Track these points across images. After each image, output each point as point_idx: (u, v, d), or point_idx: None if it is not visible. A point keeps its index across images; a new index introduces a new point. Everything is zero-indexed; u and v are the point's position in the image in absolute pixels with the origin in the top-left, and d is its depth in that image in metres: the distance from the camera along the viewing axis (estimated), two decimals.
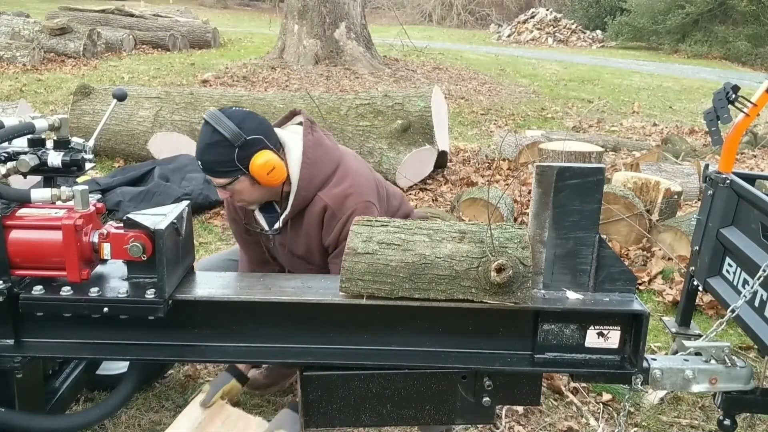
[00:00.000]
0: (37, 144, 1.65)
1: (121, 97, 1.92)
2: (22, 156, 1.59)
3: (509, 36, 20.59)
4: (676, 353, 1.76)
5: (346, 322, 1.52)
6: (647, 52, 18.87)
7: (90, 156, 1.68)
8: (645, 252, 3.95)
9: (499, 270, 1.38)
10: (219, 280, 1.66)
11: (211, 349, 1.55)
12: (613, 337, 1.50)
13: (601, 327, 1.49)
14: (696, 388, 1.66)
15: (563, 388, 2.61)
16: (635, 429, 2.45)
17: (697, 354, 1.69)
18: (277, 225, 2.10)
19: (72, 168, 1.64)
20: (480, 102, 9.52)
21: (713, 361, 1.67)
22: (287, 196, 2.04)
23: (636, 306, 1.49)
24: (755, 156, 6.61)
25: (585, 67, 14.22)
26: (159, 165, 4.76)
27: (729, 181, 2.22)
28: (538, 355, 1.51)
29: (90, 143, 1.71)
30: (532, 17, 21.06)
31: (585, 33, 20.68)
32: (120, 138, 5.42)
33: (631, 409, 2.52)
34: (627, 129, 8.21)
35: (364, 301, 1.47)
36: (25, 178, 1.69)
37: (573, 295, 1.50)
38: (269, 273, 2.24)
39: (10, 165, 1.55)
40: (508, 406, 2.42)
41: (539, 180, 1.47)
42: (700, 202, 3.06)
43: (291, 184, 2.02)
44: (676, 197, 4.18)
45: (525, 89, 10.88)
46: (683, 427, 2.46)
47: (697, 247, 2.39)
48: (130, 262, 1.50)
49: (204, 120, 1.91)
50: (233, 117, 1.89)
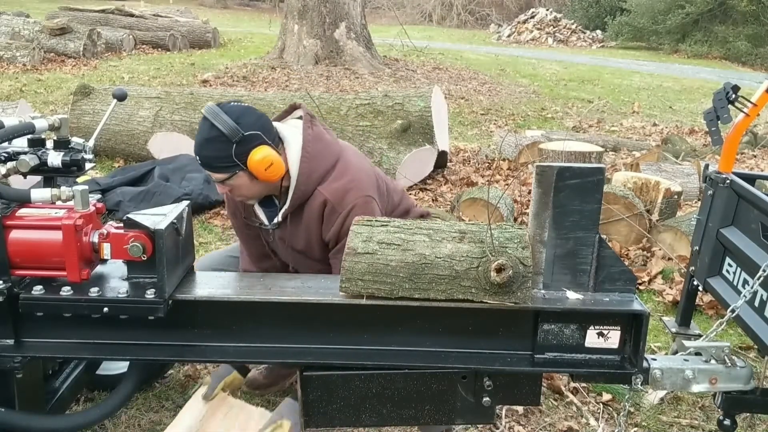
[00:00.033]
0: (37, 144, 1.65)
1: (121, 97, 1.92)
2: (22, 156, 1.59)
3: (509, 36, 20.59)
4: (676, 353, 1.76)
5: (346, 322, 1.52)
6: (647, 52, 18.87)
7: (90, 156, 1.69)
8: (645, 252, 3.95)
9: (499, 270, 1.38)
10: (219, 280, 1.66)
11: (211, 349, 1.55)
12: (613, 337, 1.50)
13: (601, 327, 1.49)
14: (696, 388, 1.66)
15: (563, 388, 2.61)
16: (635, 429, 2.45)
17: (697, 354, 1.69)
18: (277, 219, 2.10)
19: (72, 168, 1.64)
20: (480, 102, 9.52)
21: (713, 361, 1.67)
22: (287, 190, 2.04)
23: (636, 306, 1.49)
24: (755, 156, 6.61)
25: (585, 67, 14.22)
26: (159, 165, 4.76)
27: (729, 181, 2.22)
28: (538, 355, 1.51)
29: (90, 143, 1.71)
30: (532, 17, 21.06)
31: (585, 33, 20.68)
32: (120, 138, 5.42)
33: (631, 409, 2.52)
34: (627, 129, 8.21)
35: (364, 301, 1.47)
36: (25, 178, 1.70)
37: (573, 295, 1.50)
38: (269, 273, 2.25)
39: (10, 165, 1.56)
40: (508, 406, 2.42)
41: (539, 180, 1.47)
42: (700, 202, 3.06)
43: (290, 178, 2.01)
44: (676, 197, 4.19)
45: (525, 89, 10.88)
46: (683, 427, 2.46)
47: (697, 247, 2.39)
48: (130, 262, 1.51)
49: (202, 115, 1.91)
50: (231, 112, 1.89)
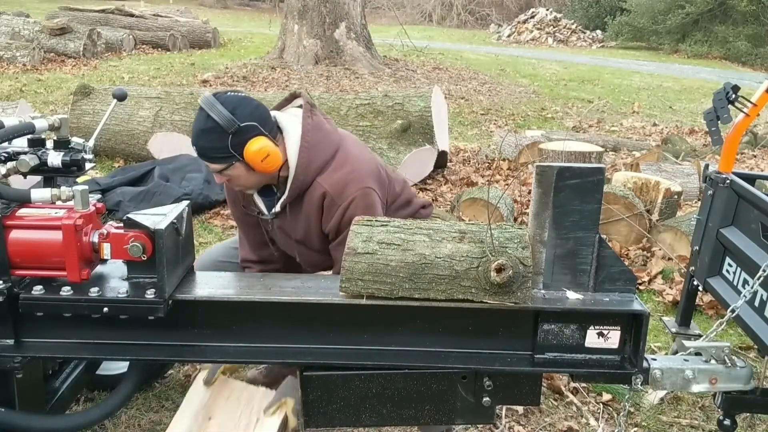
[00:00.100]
0: (37, 144, 1.65)
1: (121, 97, 1.92)
2: (22, 156, 1.59)
3: (509, 36, 20.59)
4: (676, 353, 1.76)
5: (346, 322, 1.52)
6: (647, 52, 18.87)
7: (90, 156, 1.69)
8: (645, 252, 3.95)
9: (499, 270, 1.38)
10: (219, 280, 1.66)
11: (211, 349, 1.55)
12: (613, 337, 1.50)
13: (601, 327, 1.49)
14: (696, 388, 1.66)
15: (563, 388, 2.61)
16: (635, 429, 2.45)
17: (697, 354, 1.69)
18: (275, 209, 2.09)
19: (72, 168, 1.64)
20: (480, 102, 9.52)
21: (713, 361, 1.67)
22: (285, 180, 2.02)
23: (636, 306, 1.49)
24: (755, 156, 6.61)
25: (585, 67, 14.22)
26: (159, 165, 4.76)
27: (729, 181, 2.22)
28: (538, 355, 1.51)
29: (90, 143, 1.71)
30: (532, 17, 21.06)
31: (585, 33, 20.68)
32: (120, 138, 5.42)
33: (631, 409, 2.52)
34: (627, 129, 8.21)
35: (364, 301, 1.47)
36: (25, 178, 1.70)
37: (573, 295, 1.50)
38: (269, 273, 2.24)
39: (10, 165, 1.56)
40: (508, 406, 2.42)
41: (539, 180, 1.47)
42: (700, 202, 3.06)
43: (289, 168, 2.00)
44: (676, 197, 4.19)
45: (525, 89, 10.88)
46: (683, 427, 2.46)
47: (697, 247, 2.39)
48: (130, 262, 1.51)
49: (199, 105, 1.90)
50: (227, 103, 1.88)
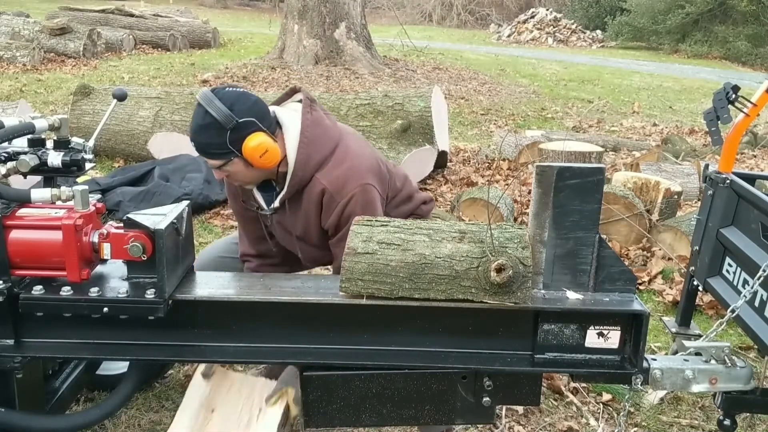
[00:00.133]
0: (37, 144, 1.65)
1: (121, 97, 1.92)
2: (22, 156, 1.59)
3: (509, 36, 20.59)
4: (676, 353, 1.76)
5: (346, 322, 1.52)
6: (647, 52, 18.87)
7: (90, 156, 1.69)
8: (645, 252, 3.95)
9: (499, 270, 1.38)
10: (219, 280, 1.66)
11: (211, 349, 1.55)
12: (613, 337, 1.50)
13: (601, 327, 1.49)
14: (696, 388, 1.66)
15: (563, 388, 2.61)
16: (635, 429, 2.45)
17: (697, 354, 1.69)
18: (274, 205, 2.09)
19: (72, 168, 1.64)
20: (480, 102, 9.52)
21: (713, 361, 1.67)
22: (284, 175, 2.01)
23: (636, 306, 1.49)
24: (755, 156, 6.61)
25: (585, 67, 14.22)
26: (159, 165, 4.76)
27: (729, 181, 2.22)
28: (538, 355, 1.51)
29: (90, 143, 1.71)
30: (532, 17, 21.06)
31: (585, 33, 20.67)
32: (120, 138, 5.42)
33: (631, 409, 2.52)
34: (627, 129, 8.21)
35: (364, 301, 1.47)
36: (25, 178, 1.70)
37: (573, 295, 1.50)
38: (269, 273, 2.24)
39: (10, 165, 1.56)
40: (508, 406, 2.42)
41: (539, 180, 1.47)
42: (700, 202, 3.06)
43: (288, 164, 1.99)
44: (676, 197, 4.19)
45: (525, 89, 10.88)
46: (683, 427, 2.46)
47: (697, 247, 2.39)
48: (130, 262, 1.51)
49: (197, 101, 1.89)
50: (225, 98, 1.87)
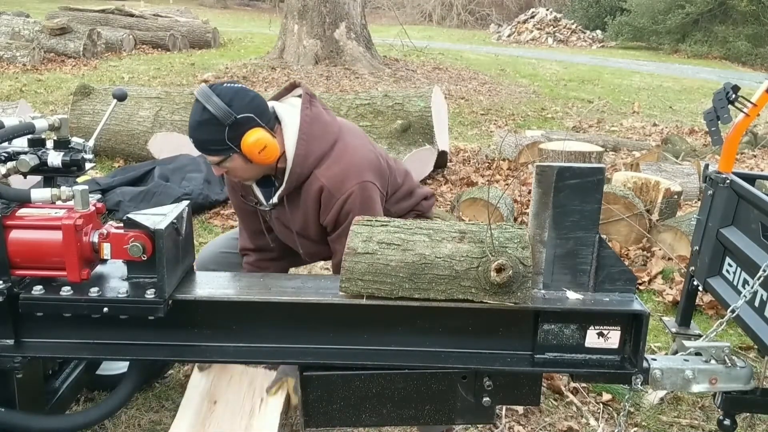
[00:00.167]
0: (37, 144, 1.65)
1: (121, 97, 1.92)
2: (22, 156, 1.59)
3: (509, 36, 20.59)
4: (676, 353, 1.76)
5: (346, 322, 1.52)
6: (647, 52, 18.87)
7: (90, 156, 1.68)
8: (645, 252, 3.95)
9: (499, 270, 1.38)
10: (219, 280, 1.66)
11: (211, 349, 1.55)
12: (613, 337, 1.50)
13: (601, 327, 1.49)
14: (696, 388, 1.66)
15: (563, 388, 2.61)
16: (635, 429, 2.45)
17: (697, 354, 1.69)
18: (273, 200, 2.09)
19: (72, 168, 1.64)
20: (480, 102, 9.52)
21: (713, 361, 1.67)
22: (283, 171, 2.01)
23: (636, 306, 1.48)
24: (755, 156, 6.61)
25: (585, 67, 14.22)
26: (159, 165, 4.76)
27: (729, 181, 2.22)
28: (538, 355, 1.51)
29: (90, 143, 1.71)
30: (532, 17, 21.06)
31: (585, 33, 20.67)
32: (120, 138, 5.42)
33: (631, 409, 2.52)
34: (627, 129, 8.21)
35: (364, 301, 1.47)
36: (25, 178, 1.69)
37: (573, 295, 1.50)
38: (269, 273, 2.25)
39: (10, 165, 1.55)
40: (508, 406, 2.42)
41: (539, 180, 1.47)
42: (700, 202, 3.07)
43: (286, 160, 1.99)
44: (676, 197, 4.19)
45: (525, 89, 10.88)
46: (683, 427, 2.46)
47: (697, 247, 2.39)
48: (130, 262, 1.50)
49: (195, 97, 1.89)
50: (223, 94, 1.86)
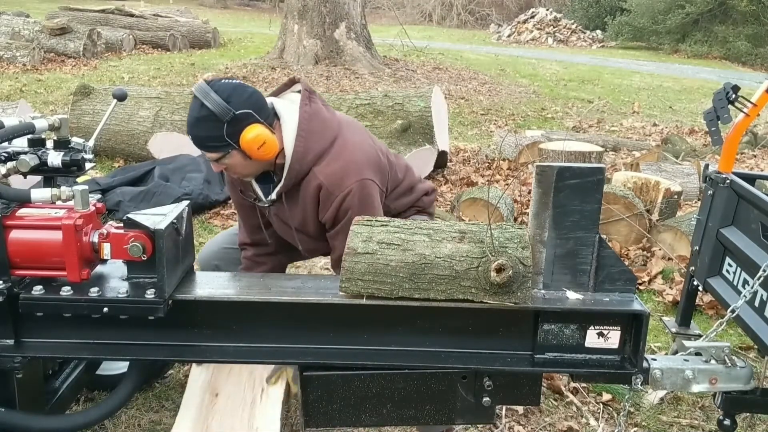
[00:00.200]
0: (37, 144, 1.65)
1: (121, 97, 1.92)
2: (22, 156, 1.59)
3: (509, 36, 20.59)
4: (676, 353, 1.76)
5: (346, 322, 1.52)
6: (647, 52, 18.87)
7: (90, 156, 1.69)
8: (645, 252, 3.95)
9: (499, 270, 1.38)
10: (219, 280, 1.66)
11: (211, 349, 1.55)
12: (613, 337, 1.50)
13: (601, 327, 1.49)
14: (696, 388, 1.66)
15: (563, 388, 2.61)
16: (635, 429, 2.45)
17: (697, 354, 1.69)
18: (271, 197, 2.09)
19: (72, 168, 1.64)
20: (480, 102, 9.52)
21: (713, 361, 1.67)
22: (282, 167, 2.01)
23: (636, 306, 1.49)
24: (755, 156, 6.61)
25: (585, 67, 14.22)
26: (159, 165, 4.76)
27: (729, 181, 2.22)
28: (538, 355, 1.51)
29: (90, 143, 1.71)
30: (532, 17, 21.06)
31: (585, 33, 20.67)
32: (120, 138, 5.42)
33: (631, 409, 2.52)
34: (627, 129, 8.21)
35: (364, 301, 1.47)
36: (25, 178, 1.70)
37: (573, 295, 1.50)
38: (269, 273, 2.25)
39: (10, 165, 1.56)
40: (508, 406, 2.42)
41: (539, 180, 1.47)
42: (700, 202, 3.06)
43: (285, 156, 1.99)
44: (676, 197, 4.19)
45: (525, 89, 10.88)
46: (683, 427, 2.46)
47: (697, 247, 2.39)
48: (130, 262, 1.50)
49: (192, 94, 1.89)
50: (221, 91, 1.86)
